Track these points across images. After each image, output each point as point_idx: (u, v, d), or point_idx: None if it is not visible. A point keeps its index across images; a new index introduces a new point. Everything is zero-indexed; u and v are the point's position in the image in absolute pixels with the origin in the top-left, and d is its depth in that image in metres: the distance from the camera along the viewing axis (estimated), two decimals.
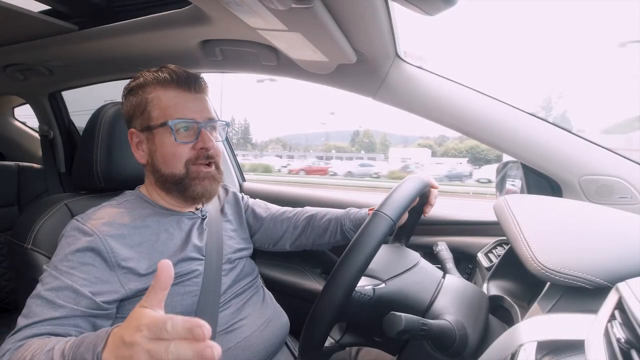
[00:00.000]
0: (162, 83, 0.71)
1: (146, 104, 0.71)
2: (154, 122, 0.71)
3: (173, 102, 0.71)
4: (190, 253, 0.71)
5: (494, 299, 0.70)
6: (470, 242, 1.03)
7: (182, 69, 0.74)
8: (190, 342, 0.36)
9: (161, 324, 0.37)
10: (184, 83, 0.72)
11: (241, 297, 0.78)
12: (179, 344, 0.36)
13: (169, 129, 0.69)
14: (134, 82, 0.74)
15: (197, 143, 0.71)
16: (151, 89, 0.71)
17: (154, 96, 0.71)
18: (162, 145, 0.71)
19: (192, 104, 0.72)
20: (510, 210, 0.65)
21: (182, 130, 0.71)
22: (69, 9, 0.93)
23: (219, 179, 0.75)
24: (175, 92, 0.71)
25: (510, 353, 0.43)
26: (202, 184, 0.72)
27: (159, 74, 0.72)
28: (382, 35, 0.76)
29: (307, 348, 0.55)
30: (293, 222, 0.92)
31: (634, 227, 0.57)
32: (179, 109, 0.70)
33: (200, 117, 0.72)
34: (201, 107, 0.73)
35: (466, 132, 0.92)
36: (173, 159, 0.71)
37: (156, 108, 0.71)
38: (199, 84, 0.74)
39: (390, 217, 0.56)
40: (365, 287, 0.61)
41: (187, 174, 0.71)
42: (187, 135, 0.71)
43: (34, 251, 0.74)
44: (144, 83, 0.72)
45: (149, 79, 0.72)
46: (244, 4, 0.58)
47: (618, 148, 0.83)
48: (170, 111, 0.70)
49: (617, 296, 0.41)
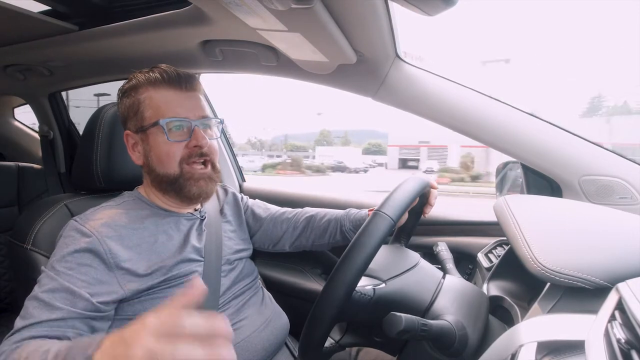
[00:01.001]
0: (154, 83, 0.71)
1: (139, 104, 0.72)
2: (147, 122, 0.71)
3: (165, 101, 0.71)
4: (189, 255, 0.71)
5: (494, 299, 0.70)
6: (470, 242, 1.02)
7: (173, 68, 0.74)
8: (205, 344, 0.32)
9: (176, 317, 0.32)
10: (175, 82, 0.72)
11: (240, 298, 0.78)
12: (192, 345, 0.31)
13: (161, 129, 0.69)
14: (127, 85, 0.74)
15: (190, 141, 0.71)
16: (143, 90, 0.72)
17: (146, 96, 0.71)
18: (156, 145, 0.71)
19: (184, 102, 0.72)
20: (510, 210, 0.65)
21: (175, 129, 0.71)
22: (69, 9, 0.92)
23: (215, 179, 0.75)
24: (166, 92, 0.71)
25: (510, 353, 0.43)
26: (197, 185, 0.72)
27: (150, 74, 0.72)
28: (382, 35, 0.76)
29: (307, 348, 0.55)
30: (293, 222, 0.92)
31: (634, 227, 0.57)
32: (170, 107, 0.70)
33: (193, 115, 0.72)
34: (194, 105, 0.73)
35: (466, 132, 0.92)
36: (167, 158, 0.71)
37: (148, 108, 0.71)
38: (191, 82, 0.74)
39: (390, 216, 0.56)
40: (366, 287, 0.61)
41: (182, 174, 0.71)
42: (180, 133, 0.71)
43: (33, 251, 0.74)
44: (136, 84, 0.73)
45: (141, 80, 0.72)
46: (244, 4, 0.58)
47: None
48: (162, 110, 0.70)
49: (617, 296, 0.41)
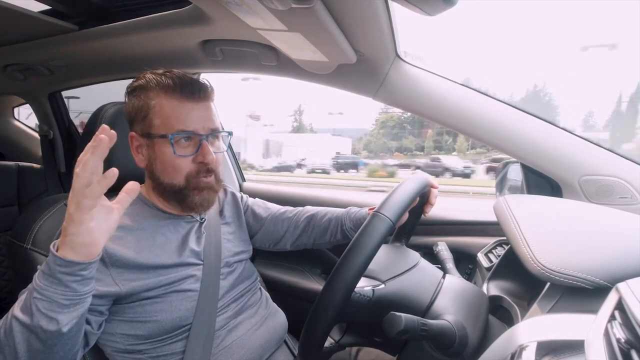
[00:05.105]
0: (165, 89, 0.69)
1: (148, 110, 0.69)
2: (155, 130, 0.69)
3: (175, 112, 0.69)
4: (187, 258, 0.71)
5: (494, 299, 0.70)
6: (470, 242, 1.03)
7: (188, 75, 0.72)
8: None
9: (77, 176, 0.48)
10: (188, 91, 0.69)
11: (239, 301, 0.78)
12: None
13: (169, 141, 0.68)
14: (137, 83, 0.72)
15: (196, 156, 0.70)
16: (154, 94, 0.69)
17: (157, 103, 0.69)
18: (162, 155, 0.69)
19: (194, 114, 0.69)
20: (510, 210, 0.65)
21: (183, 141, 0.69)
22: (69, 9, 0.93)
23: (217, 189, 0.75)
24: (178, 101, 0.69)
25: (510, 353, 0.43)
26: (200, 194, 0.71)
27: (163, 78, 0.70)
28: (382, 35, 0.76)
29: (307, 348, 0.55)
30: (294, 221, 0.92)
31: (634, 227, 0.57)
32: (180, 119, 0.68)
33: (202, 129, 0.70)
34: (204, 117, 0.70)
35: (466, 131, 0.92)
36: (172, 170, 0.70)
37: (158, 116, 0.69)
38: (204, 91, 0.71)
39: (389, 218, 0.55)
40: (365, 288, 0.61)
41: (187, 185, 0.70)
42: (187, 146, 0.70)
43: (33, 251, 0.74)
44: (146, 86, 0.70)
45: (152, 82, 0.70)
46: (244, 4, 0.58)
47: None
48: (171, 121, 0.68)
49: (617, 296, 0.41)
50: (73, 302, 0.50)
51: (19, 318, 0.50)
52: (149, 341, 0.66)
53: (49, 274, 0.49)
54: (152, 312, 0.66)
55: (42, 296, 0.49)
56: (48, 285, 0.49)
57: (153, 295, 0.66)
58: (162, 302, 0.67)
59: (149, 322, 0.66)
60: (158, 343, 0.67)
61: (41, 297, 0.49)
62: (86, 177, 0.48)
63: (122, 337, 0.66)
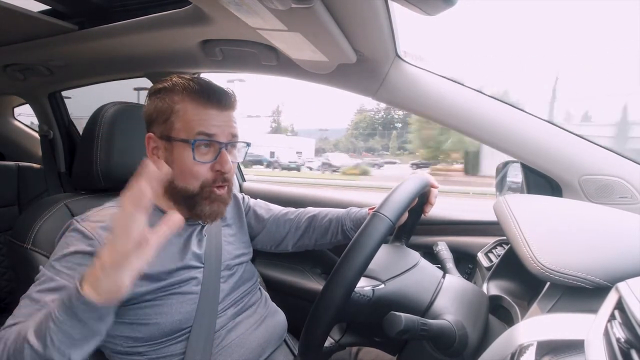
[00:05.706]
0: (192, 94, 0.68)
1: (171, 113, 0.69)
2: (175, 134, 0.68)
3: (199, 116, 0.68)
4: (189, 261, 0.71)
5: (494, 298, 0.70)
6: (470, 242, 1.03)
7: (215, 83, 0.71)
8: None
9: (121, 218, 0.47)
10: (214, 98, 0.69)
11: (239, 302, 0.78)
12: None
13: (189, 146, 0.67)
14: (162, 85, 0.71)
15: (214, 164, 0.69)
16: (179, 99, 0.69)
17: (181, 107, 0.68)
18: (180, 159, 0.69)
19: (217, 120, 0.69)
20: (510, 210, 0.65)
21: (203, 147, 0.69)
22: (69, 9, 0.93)
23: (228, 202, 0.75)
24: (203, 107, 0.68)
25: (510, 353, 0.43)
26: (211, 206, 0.71)
27: (190, 84, 0.69)
28: (382, 35, 0.76)
29: (307, 348, 0.55)
30: (295, 223, 0.92)
31: (634, 227, 0.57)
32: (203, 123, 0.68)
33: (223, 136, 0.69)
34: (226, 124, 0.70)
35: (466, 131, 0.92)
36: (190, 176, 0.69)
37: (180, 120, 0.68)
38: (230, 100, 0.71)
39: (389, 218, 0.55)
40: (365, 288, 0.61)
41: (201, 193, 0.70)
42: (207, 152, 0.69)
43: (33, 251, 0.74)
44: (172, 89, 0.69)
45: (179, 86, 0.69)
46: (244, 4, 0.58)
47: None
48: (193, 124, 0.67)
49: (617, 296, 0.41)
50: (87, 338, 0.50)
51: (32, 344, 0.49)
52: (149, 343, 0.67)
53: (69, 306, 0.48)
54: (152, 314, 0.66)
55: (58, 329, 0.48)
56: (66, 319, 0.48)
57: (153, 298, 0.66)
58: (163, 304, 0.67)
59: (149, 325, 0.66)
60: (158, 345, 0.67)
61: (58, 329, 0.48)
62: (132, 240, 0.46)
63: (121, 339, 0.66)
